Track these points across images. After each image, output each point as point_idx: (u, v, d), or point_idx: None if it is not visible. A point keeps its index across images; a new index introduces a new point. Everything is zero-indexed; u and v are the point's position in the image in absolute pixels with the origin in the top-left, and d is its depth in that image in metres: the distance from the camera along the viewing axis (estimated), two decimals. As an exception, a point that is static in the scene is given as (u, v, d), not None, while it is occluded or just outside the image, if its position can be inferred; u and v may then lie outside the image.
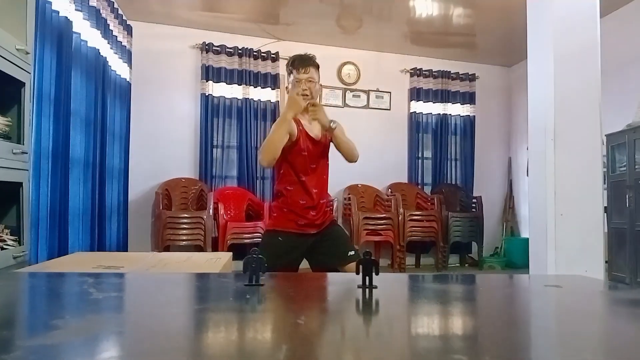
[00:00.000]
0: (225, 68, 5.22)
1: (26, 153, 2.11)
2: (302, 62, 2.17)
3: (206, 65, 5.16)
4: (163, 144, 5.09)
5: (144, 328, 0.69)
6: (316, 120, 2.14)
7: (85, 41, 3.54)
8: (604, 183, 3.14)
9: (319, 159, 2.21)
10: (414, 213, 5.27)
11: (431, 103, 5.97)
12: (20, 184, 2.08)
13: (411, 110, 5.92)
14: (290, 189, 2.15)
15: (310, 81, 2.16)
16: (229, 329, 0.71)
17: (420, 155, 5.93)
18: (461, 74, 6.09)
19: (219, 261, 2.00)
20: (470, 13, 4.75)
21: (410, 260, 5.54)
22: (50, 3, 2.93)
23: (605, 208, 3.28)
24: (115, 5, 4.31)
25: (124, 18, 4.61)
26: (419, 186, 5.86)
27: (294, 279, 1.31)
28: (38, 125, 2.75)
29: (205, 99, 5.14)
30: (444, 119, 6.00)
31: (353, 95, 5.75)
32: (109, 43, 4.11)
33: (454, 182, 6.03)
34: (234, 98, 5.24)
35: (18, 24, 2.09)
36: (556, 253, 2.76)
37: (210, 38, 5.20)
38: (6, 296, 0.95)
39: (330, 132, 2.12)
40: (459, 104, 6.08)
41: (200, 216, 4.53)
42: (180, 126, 5.18)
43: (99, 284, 1.01)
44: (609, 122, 3.63)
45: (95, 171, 3.77)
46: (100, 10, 3.84)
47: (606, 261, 3.42)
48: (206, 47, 5.17)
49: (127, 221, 4.70)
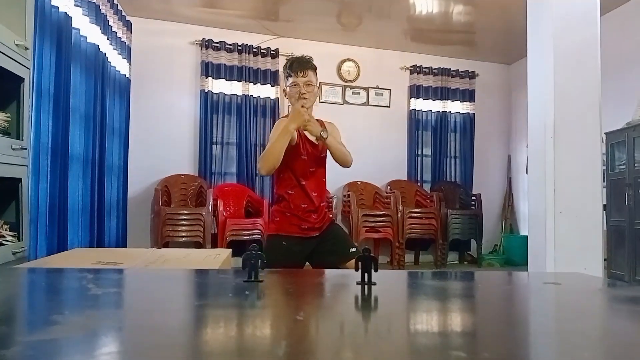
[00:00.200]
0: (224, 64, 5.21)
1: (25, 149, 2.10)
2: (300, 66, 2.16)
3: (206, 61, 5.15)
4: (162, 140, 5.09)
5: (143, 324, 0.70)
6: (307, 131, 2.13)
7: (85, 37, 3.54)
8: (603, 181, 3.14)
9: (318, 162, 2.22)
10: (413, 210, 5.28)
11: (431, 100, 5.97)
12: (19, 179, 2.08)
13: (411, 108, 5.92)
14: (291, 193, 2.15)
15: (308, 84, 2.16)
16: (228, 325, 0.71)
17: (419, 152, 5.93)
18: (461, 72, 6.08)
19: (218, 257, 2.00)
20: (470, 10, 4.75)
21: (409, 257, 5.55)
22: (49, -2, 2.92)
23: (605, 206, 3.28)
24: (115, 1, 4.30)
25: (123, 14, 4.60)
26: (419, 183, 5.87)
27: (293, 275, 1.31)
28: (37, 121, 2.74)
29: (205, 96, 5.13)
30: (443, 116, 6.00)
31: (353, 93, 5.75)
32: (108, 39, 4.10)
33: (453, 180, 6.04)
34: (234, 95, 5.24)
35: (17, 20, 2.08)
36: (555, 250, 2.76)
37: (209, 34, 5.19)
38: (5, 292, 0.95)
39: (323, 141, 2.12)
40: (458, 101, 6.08)
41: (200, 213, 4.53)
42: (180, 123, 5.18)
43: (98, 280, 1.01)
44: (609, 120, 3.63)
45: (95, 167, 3.76)
46: (100, 6, 3.83)
47: (605, 259, 3.42)
48: (206, 44, 5.16)
49: (127, 217, 4.70)
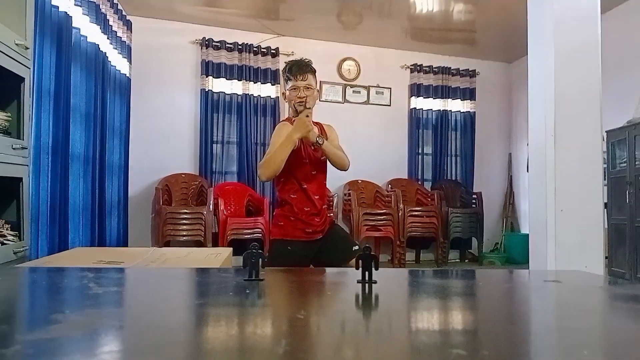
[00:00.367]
0: (225, 63, 5.21)
1: (26, 148, 2.11)
2: (300, 69, 2.16)
3: (206, 60, 5.15)
4: (163, 139, 5.09)
5: (144, 323, 0.70)
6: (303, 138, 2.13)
7: (85, 36, 3.54)
8: (604, 179, 3.14)
9: (319, 165, 2.22)
10: (414, 209, 5.28)
11: (431, 99, 5.97)
12: (20, 179, 2.08)
13: (411, 106, 5.92)
14: (293, 197, 2.15)
15: (307, 88, 2.16)
16: (229, 324, 0.71)
17: (420, 151, 5.93)
18: (461, 70, 6.08)
19: (219, 256, 2.00)
20: (470, 9, 4.74)
21: (410, 256, 5.55)
22: (49, -2, 2.92)
23: (605, 204, 3.29)
24: (115, 1, 4.30)
25: (123, 13, 4.60)
26: (419, 182, 5.87)
27: (294, 274, 1.31)
28: (38, 121, 2.75)
29: (205, 95, 5.14)
30: (444, 115, 5.99)
31: (353, 91, 5.75)
32: (108, 38, 4.10)
33: (454, 178, 6.04)
34: (234, 94, 5.24)
35: (17, 19, 2.08)
36: (556, 249, 2.76)
37: (210, 33, 5.19)
38: (6, 291, 0.95)
39: (319, 147, 2.12)
40: (459, 100, 6.08)
41: (201, 212, 4.54)
42: (180, 122, 5.18)
43: (98, 279, 1.01)
44: (610, 118, 3.62)
45: (95, 166, 3.77)
46: (100, 6, 3.83)
47: (606, 257, 3.42)
48: (206, 43, 5.16)
49: (127, 217, 4.70)
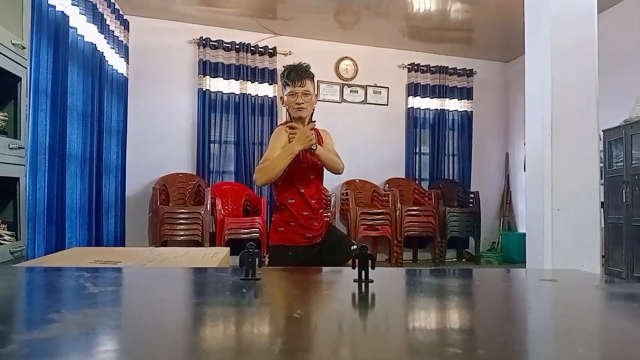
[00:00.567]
0: (222, 63, 5.20)
1: (23, 148, 2.10)
2: (298, 75, 2.16)
3: (203, 60, 5.15)
4: (160, 139, 5.08)
5: (141, 322, 0.70)
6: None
7: (82, 36, 3.53)
8: (601, 178, 3.15)
9: (316, 169, 2.22)
10: (411, 208, 5.28)
11: (429, 98, 5.97)
12: (17, 179, 2.08)
13: (409, 106, 5.92)
14: (292, 201, 2.15)
15: (305, 94, 2.16)
16: (226, 323, 0.71)
17: (417, 150, 5.94)
18: (459, 70, 6.08)
19: (216, 256, 2.00)
20: (467, 8, 4.75)
21: (407, 255, 5.56)
22: (46, -3, 2.92)
23: (602, 203, 3.29)
24: (112, 0, 4.29)
25: (120, 13, 4.59)
26: (417, 181, 5.87)
27: (290, 273, 1.31)
28: (34, 120, 2.74)
29: (203, 94, 5.13)
30: (441, 114, 6.00)
31: (351, 91, 5.75)
32: (105, 38, 4.09)
33: (451, 178, 6.04)
34: (231, 93, 5.24)
35: (14, 19, 2.08)
36: (553, 248, 2.76)
37: (207, 33, 5.18)
38: (3, 290, 0.95)
39: (313, 154, 2.12)
40: (456, 99, 6.08)
41: (198, 211, 4.53)
42: (178, 121, 5.17)
43: (95, 279, 1.01)
44: (606, 118, 3.63)
45: (92, 166, 3.76)
46: (97, 5, 3.82)
47: (603, 256, 3.43)
48: (203, 42, 5.15)
49: (125, 216, 4.70)
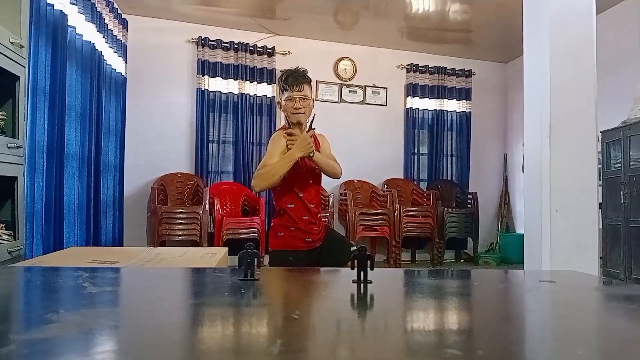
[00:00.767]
0: (221, 63, 5.20)
1: (21, 147, 2.10)
2: (296, 80, 2.15)
3: (202, 59, 5.14)
4: (159, 138, 5.07)
5: (139, 322, 0.69)
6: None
7: (80, 35, 3.53)
8: (599, 179, 3.16)
9: (314, 173, 2.22)
10: (409, 209, 5.29)
11: (427, 99, 5.98)
12: (14, 178, 2.08)
13: (407, 106, 5.93)
14: (291, 206, 2.15)
15: (303, 99, 2.15)
16: (224, 324, 0.71)
17: (416, 151, 5.94)
18: (457, 70, 6.09)
19: (214, 256, 2.00)
20: (466, 9, 4.75)
21: (405, 255, 5.56)
22: (44, -4, 2.91)
23: (600, 204, 3.29)
24: (111, -1, 4.28)
25: (119, 12, 4.58)
26: (415, 182, 5.88)
27: (289, 273, 1.31)
28: (33, 120, 2.74)
29: (201, 94, 5.12)
30: (439, 115, 6.00)
31: (349, 91, 5.75)
32: (104, 37, 4.09)
33: (449, 178, 6.05)
34: (230, 93, 5.23)
35: (12, 17, 2.08)
36: (551, 249, 2.77)
37: (206, 32, 5.18)
38: (1, 290, 0.95)
39: (310, 159, 2.12)
40: (455, 100, 6.09)
41: (196, 211, 4.53)
42: (176, 121, 5.17)
43: (93, 279, 1.00)
44: (605, 119, 3.64)
45: (91, 166, 3.75)
46: (96, 4, 3.81)
47: (600, 257, 3.43)
48: (202, 42, 5.15)
49: (123, 216, 4.69)
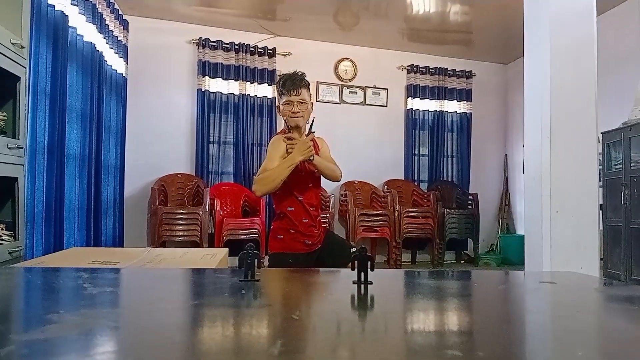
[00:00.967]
0: (221, 63, 5.20)
1: (21, 148, 2.10)
2: (294, 84, 2.15)
3: (202, 60, 5.15)
4: (159, 139, 5.07)
5: (139, 323, 0.69)
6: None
7: (81, 36, 3.53)
8: (600, 180, 3.16)
9: (314, 176, 2.22)
10: (410, 210, 5.28)
11: (428, 100, 5.98)
12: (15, 179, 2.08)
13: (408, 107, 5.93)
14: (291, 209, 2.15)
15: (301, 103, 2.15)
16: (225, 324, 0.71)
17: (416, 152, 5.94)
18: (458, 71, 6.09)
19: (215, 257, 1.99)
20: (467, 10, 4.75)
21: (406, 256, 5.56)
22: (45, -3, 2.91)
23: (601, 205, 3.29)
24: (111, 0, 4.28)
25: (120, 13, 4.58)
26: (415, 183, 5.87)
27: (289, 274, 1.31)
28: (33, 120, 2.74)
29: (202, 95, 5.13)
30: (440, 116, 6.00)
31: (350, 92, 5.75)
32: (104, 38, 4.09)
33: (450, 179, 6.05)
34: (231, 94, 5.24)
35: (13, 18, 2.08)
36: (551, 250, 2.76)
37: (206, 33, 5.18)
38: (1, 291, 0.95)
39: (310, 163, 2.13)
40: (455, 101, 6.09)
41: (197, 212, 4.53)
42: (177, 122, 5.17)
43: (94, 279, 1.00)
44: (605, 120, 3.64)
45: (91, 166, 3.76)
46: (96, 5, 3.82)
47: (601, 258, 3.43)
48: (203, 43, 5.15)
49: (123, 217, 4.69)
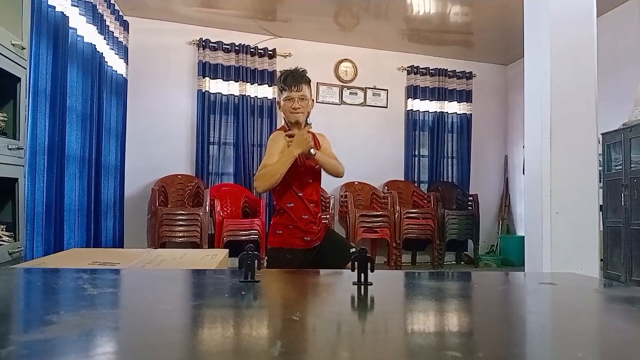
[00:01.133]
0: (222, 64, 5.21)
1: (22, 149, 2.10)
2: (294, 80, 2.15)
3: (203, 61, 5.15)
4: (159, 140, 5.08)
5: (139, 324, 0.69)
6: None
7: (82, 37, 3.53)
8: (600, 181, 3.15)
9: (314, 172, 2.22)
10: (410, 211, 5.28)
11: (428, 101, 5.98)
12: (15, 179, 2.08)
13: (408, 108, 5.93)
14: (291, 205, 2.15)
15: (302, 99, 2.16)
16: (225, 325, 0.71)
17: (416, 153, 5.94)
18: (458, 72, 6.09)
19: (215, 258, 2.00)
20: (467, 11, 4.76)
21: (406, 257, 5.56)
22: (46, -2, 2.92)
23: (601, 206, 3.29)
24: (112, 1, 4.29)
25: (120, 14, 4.59)
26: (416, 184, 5.87)
27: (289, 275, 1.31)
28: (34, 121, 2.74)
29: (202, 96, 5.13)
30: (440, 116, 6.00)
31: (350, 93, 5.75)
32: (105, 39, 4.09)
33: (450, 180, 6.05)
34: (231, 95, 5.24)
35: (14, 19, 2.08)
36: (551, 251, 2.76)
37: (206, 34, 5.18)
38: (1, 291, 0.95)
39: (312, 159, 2.13)
40: (455, 101, 6.09)
41: (197, 213, 4.52)
42: (177, 123, 5.17)
43: (94, 280, 1.01)
44: (605, 121, 3.64)
45: (91, 167, 3.76)
46: (97, 6, 3.82)
47: (601, 259, 3.43)
48: (203, 44, 5.16)
49: (123, 217, 4.69)
